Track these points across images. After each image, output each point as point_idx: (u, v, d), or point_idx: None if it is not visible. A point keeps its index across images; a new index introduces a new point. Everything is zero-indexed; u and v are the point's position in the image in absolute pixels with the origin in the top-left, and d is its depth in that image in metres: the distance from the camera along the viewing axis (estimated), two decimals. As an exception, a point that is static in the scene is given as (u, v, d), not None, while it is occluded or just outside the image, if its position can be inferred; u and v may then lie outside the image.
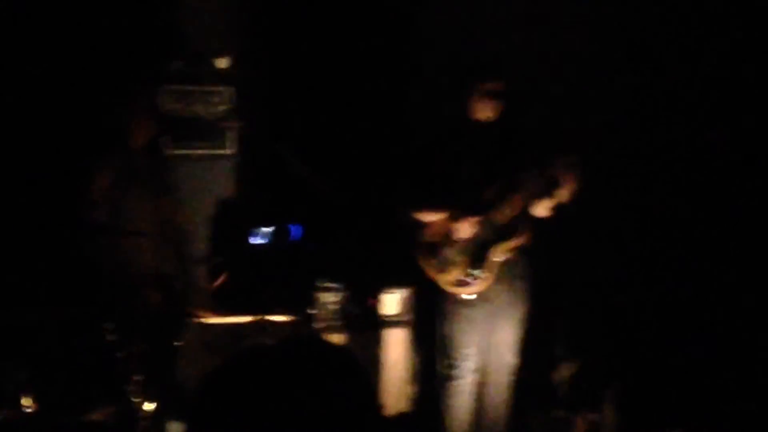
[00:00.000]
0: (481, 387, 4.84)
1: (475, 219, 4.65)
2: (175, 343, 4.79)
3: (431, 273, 4.74)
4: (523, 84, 4.93)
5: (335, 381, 1.61)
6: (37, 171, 5.21)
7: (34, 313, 4.53)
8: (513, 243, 4.71)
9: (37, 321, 4.47)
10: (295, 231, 5.37)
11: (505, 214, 4.65)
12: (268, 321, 4.99)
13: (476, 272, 4.68)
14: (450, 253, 4.70)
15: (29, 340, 4.40)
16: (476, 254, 4.69)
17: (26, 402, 4.30)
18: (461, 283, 4.70)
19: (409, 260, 4.89)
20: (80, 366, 4.50)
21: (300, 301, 5.19)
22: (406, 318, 5.57)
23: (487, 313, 4.74)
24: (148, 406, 4.47)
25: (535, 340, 4.90)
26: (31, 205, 5.13)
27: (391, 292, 5.54)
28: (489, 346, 4.78)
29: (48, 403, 4.40)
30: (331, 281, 5.36)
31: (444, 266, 4.71)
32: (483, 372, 4.82)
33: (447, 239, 4.71)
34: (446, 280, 4.71)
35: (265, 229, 5.21)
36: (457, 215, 4.67)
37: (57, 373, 4.46)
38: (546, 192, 4.58)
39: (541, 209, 4.67)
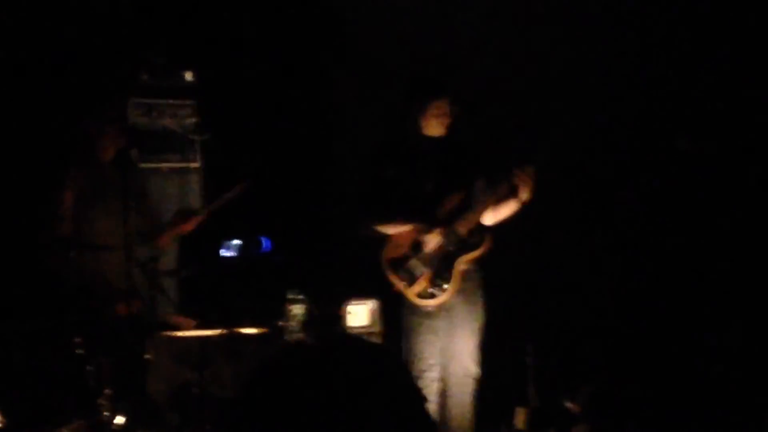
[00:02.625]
0: (444, 398, 4.87)
1: (441, 230, 4.74)
2: (145, 356, 4.77)
3: (398, 286, 4.80)
4: (477, 91, 5.03)
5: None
6: (3, 183, 5.17)
7: (1, 327, 4.49)
8: (477, 253, 4.80)
9: (5, 334, 4.43)
10: (264, 243, 5.37)
11: (465, 225, 4.74)
12: (238, 333, 4.98)
13: (441, 283, 4.75)
14: (415, 265, 4.78)
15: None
16: (440, 265, 4.77)
17: (-5, 417, 4.26)
18: (427, 295, 4.77)
19: (377, 272, 4.93)
20: (49, 380, 4.47)
21: (270, 313, 5.18)
22: (375, 329, 5.59)
23: (447, 323, 4.81)
24: (119, 420, 4.45)
25: (506, 350, 4.96)
26: (4, 216, 5.10)
27: (360, 304, 5.56)
28: (450, 356, 4.84)
29: (17, 417, 4.35)
30: (301, 293, 5.36)
31: (410, 278, 4.78)
32: (445, 383, 4.86)
33: (411, 252, 4.79)
34: (413, 292, 4.77)
35: (234, 242, 5.21)
36: (423, 228, 4.75)
37: (26, 387, 4.42)
38: (502, 200, 4.71)
39: (489, 217, 4.80)
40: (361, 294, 5.61)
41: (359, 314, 5.55)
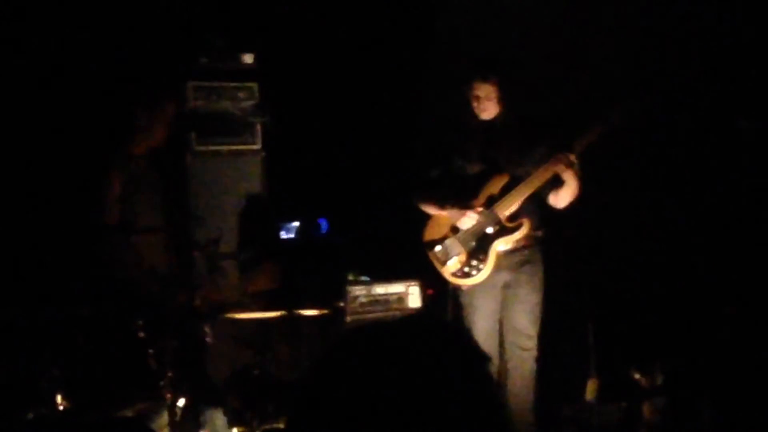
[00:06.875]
0: (505, 375, 4.88)
1: (477, 210, 4.74)
2: (206, 339, 4.81)
3: (435, 264, 4.85)
4: (533, 79, 4.95)
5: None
6: (55, 170, 5.22)
7: (65, 311, 4.54)
8: (514, 237, 4.79)
9: (68, 319, 4.48)
10: (322, 225, 5.38)
11: (505, 208, 4.72)
12: (298, 315, 4.99)
13: (477, 264, 4.75)
14: (451, 244, 4.80)
15: (61, 337, 4.41)
16: (477, 247, 4.77)
17: (59, 399, 4.32)
18: (462, 275, 4.78)
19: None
20: (113, 363, 4.52)
21: (330, 294, 5.19)
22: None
23: (495, 300, 4.82)
24: (181, 402, 4.48)
25: (567, 335, 4.92)
26: (61, 204, 5.15)
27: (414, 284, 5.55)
28: (505, 333, 4.84)
29: (81, 400, 4.41)
30: (361, 274, 5.36)
31: (446, 257, 4.81)
32: (504, 360, 4.87)
33: (450, 231, 4.83)
34: (448, 271, 4.81)
35: (293, 224, 5.21)
36: (456, 211, 4.77)
37: (90, 370, 4.48)
38: (545, 185, 4.70)
39: (559, 201, 4.77)
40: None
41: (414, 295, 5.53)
